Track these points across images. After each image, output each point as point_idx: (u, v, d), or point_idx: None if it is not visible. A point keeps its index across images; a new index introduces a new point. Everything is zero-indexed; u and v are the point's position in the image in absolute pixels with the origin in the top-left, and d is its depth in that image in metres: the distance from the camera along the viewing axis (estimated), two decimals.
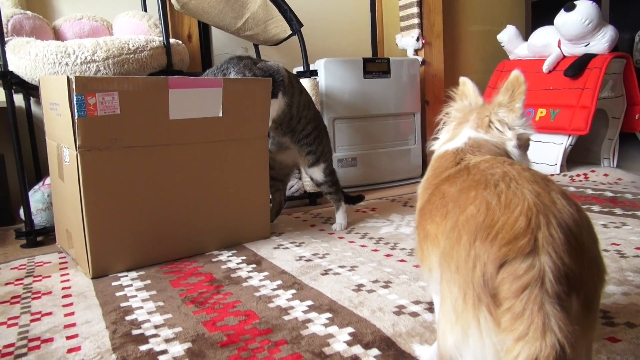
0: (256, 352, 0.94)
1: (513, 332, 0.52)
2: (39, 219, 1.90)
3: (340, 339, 0.97)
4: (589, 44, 2.70)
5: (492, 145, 0.82)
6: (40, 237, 1.86)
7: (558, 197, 0.59)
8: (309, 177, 1.92)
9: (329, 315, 1.09)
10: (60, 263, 1.58)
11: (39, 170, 2.30)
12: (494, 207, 0.59)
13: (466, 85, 0.95)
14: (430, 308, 1.09)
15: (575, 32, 2.64)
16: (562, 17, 2.65)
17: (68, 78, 1.31)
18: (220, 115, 1.56)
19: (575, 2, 2.61)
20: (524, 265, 0.53)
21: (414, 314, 1.07)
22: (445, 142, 0.88)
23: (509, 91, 0.86)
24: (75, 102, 1.31)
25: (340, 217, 1.87)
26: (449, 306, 0.59)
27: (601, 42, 2.67)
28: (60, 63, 1.78)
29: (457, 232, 0.61)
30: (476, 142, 0.82)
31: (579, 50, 2.74)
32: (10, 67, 1.77)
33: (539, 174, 0.65)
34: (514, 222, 0.56)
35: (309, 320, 1.06)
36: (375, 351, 0.92)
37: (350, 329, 1.01)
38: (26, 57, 1.76)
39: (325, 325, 1.03)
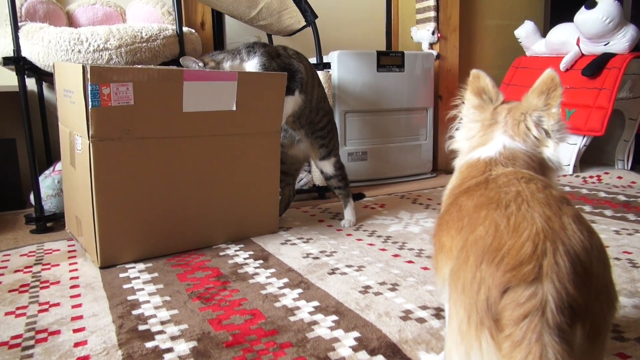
0: (261, 354, 0.94)
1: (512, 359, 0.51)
2: (48, 205, 1.91)
3: (345, 344, 0.97)
4: (608, 42, 2.64)
5: (527, 157, 0.78)
6: (50, 223, 1.87)
7: (569, 222, 0.58)
8: (319, 171, 1.92)
9: (335, 317, 1.08)
10: (69, 251, 1.59)
11: (49, 155, 2.31)
12: (502, 229, 0.58)
13: (482, 80, 0.87)
14: (438, 314, 1.09)
15: (595, 30, 2.58)
16: (583, 15, 2.59)
17: (83, 67, 1.30)
18: (234, 108, 1.55)
19: (596, 0, 2.55)
20: (527, 293, 0.53)
21: (421, 320, 1.06)
22: (475, 147, 0.83)
23: (544, 93, 0.80)
24: (89, 92, 1.31)
25: (349, 214, 1.86)
26: (455, 326, 0.59)
27: (621, 41, 2.61)
28: (73, 50, 1.77)
29: (465, 253, 0.60)
30: (512, 153, 0.78)
31: (598, 49, 2.69)
32: (23, 53, 1.77)
33: (554, 195, 0.63)
34: (520, 247, 0.55)
35: (315, 323, 1.06)
36: (380, 358, 0.92)
37: (356, 334, 1.01)
38: (39, 44, 1.76)
39: (331, 329, 1.03)
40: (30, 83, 2.21)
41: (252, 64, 1.64)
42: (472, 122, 0.87)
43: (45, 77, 2.14)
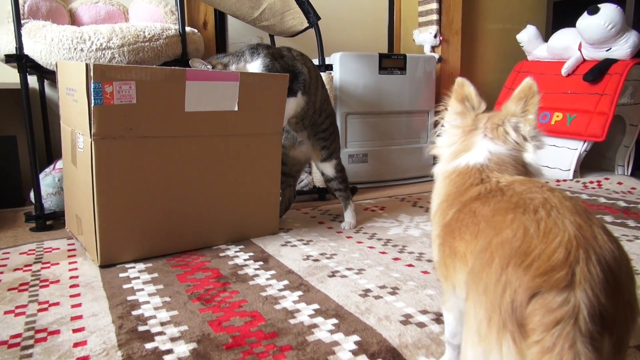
0: (261, 356, 0.94)
1: None
2: (49, 203, 1.91)
3: (345, 348, 0.97)
4: (610, 48, 2.65)
5: (514, 161, 0.80)
6: (50, 221, 1.86)
7: (599, 232, 0.58)
8: (319, 172, 1.92)
9: (335, 321, 1.08)
10: (69, 250, 1.58)
11: (50, 153, 2.30)
12: (532, 233, 0.58)
13: (466, 88, 0.89)
14: (438, 319, 1.08)
15: (597, 36, 2.59)
16: (585, 21, 2.60)
17: (87, 65, 1.30)
18: (236, 109, 1.54)
19: (599, 5, 2.56)
20: (559, 299, 0.52)
21: (421, 325, 1.06)
22: (458, 153, 0.84)
23: (522, 100, 0.83)
24: (92, 90, 1.31)
25: (349, 216, 1.86)
26: (473, 327, 0.58)
27: (623, 47, 2.61)
28: (75, 49, 1.77)
29: (489, 254, 0.59)
30: (499, 158, 0.80)
31: (600, 54, 2.69)
32: (26, 51, 1.76)
33: (580, 205, 0.63)
34: (552, 252, 0.55)
35: (315, 326, 1.06)
36: None
37: (356, 337, 1.01)
38: (42, 42, 1.76)
39: (331, 332, 1.03)
40: (32, 81, 2.21)
41: (256, 65, 1.65)
42: (453, 129, 0.88)
43: (47, 75, 2.14)
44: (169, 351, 0.96)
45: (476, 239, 0.66)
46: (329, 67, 2.35)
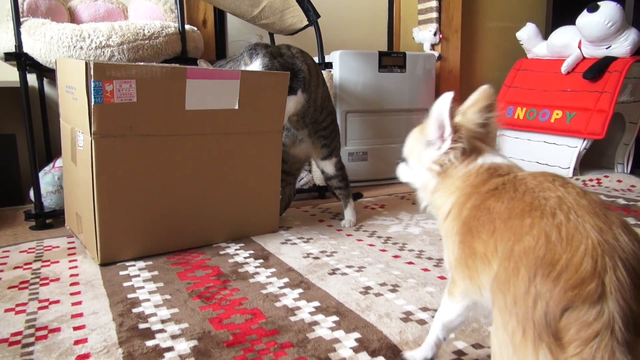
0: (262, 354, 0.94)
1: None
2: (48, 201, 1.91)
3: (346, 345, 0.97)
4: (610, 46, 2.64)
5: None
6: (50, 219, 1.86)
7: (620, 233, 0.58)
8: (320, 170, 1.92)
9: (335, 318, 1.08)
10: (69, 248, 1.58)
11: (49, 151, 2.30)
12: (555, 241, 0.58)
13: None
14: None
15: (597, 33, 2.59)
16: (585, 18, 2.59)
17: (87, 63, 1.30)
18: (237, 107, 1.54)
19: (598, 3, 2.55)
20: (593, 312, 0.53)
21: (422, 322, 1.06)
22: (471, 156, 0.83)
23: (476, 106, 0.83)
24: (92, 88, 1.31)
25: (349, 214, 1.86)
26: (504, 337, 0.59)
27: (623, 45, 2.61)
28: (75, 47, 1.76)
29: (513, 264, 0.60)
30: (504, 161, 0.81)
31: (599, 52, 2.69)
32: (25, 49, 1.76)
33: (596, 201, 0.63)
34: (579, 263, 0.55)
35: (316, 323, 1.06)
36: (381, 359, 0.92)
37: (356, 335, 1.01)
38: (41, 40, 1.75)
39: (332, 329, 1.03)
40: (32, 79, 2.21)
41: (255, 66, 1.64)
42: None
43: (46, 73, 2.13)
44: (170, 348, 0.96)
45: (492, 237, 0.66)
46: (329, 65, 2.34)
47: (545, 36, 3.05)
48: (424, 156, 0.85)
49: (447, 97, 0.79)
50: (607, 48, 2.65)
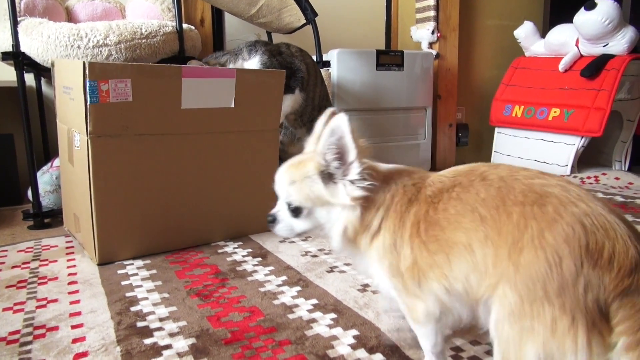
0: (260, 351, 0.94)
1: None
2: (46, 201, 1.90)
3: (344, 342, 0.97)
4: (607, 44, 2.65)
5: None
6: (48, 219, 1.86)
7: (617, 213, 0.63)
8: None
9: (333, 315, 1.08)
10: (67, 247, 1.58)
11: (47, 151, 2.30)
12: (591, 229, 0.60)
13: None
14: None
15: (594, 31, 2.59)
16: (582, 16, 2.60)
17: (83, 63, 1.29)
18: (233, 106, 1.54)
19: (595, 1, 2.56)
20: None
21: None
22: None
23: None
24: (87, 88, 1.30)
25: None
26: (532, 325, 0.60)
27: (620, 42, 2.61)
28: (72, 46, 1.76)
29: (550, 253, 0.60)
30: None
31: (597, 50, 2.69)
32: (22, 48, 1.76)
33: (578, 187, 0.66)
34: (626, 250, 0.58)
35: (314, 320, 1.06)
36: (379, 356, 0.92)
37: (354, 332, 1.01)
38: (38, 39, 1.75)
39: (330, 327, 1.03)
40: (29, 78, 2.20)
41: (253, 63, 1.64)
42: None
43: (44, 72, 2.13)
44: (168, 346, 0.96)
45: (483, 224, 0.66)
46: (327, 64, 2.34)
47: (543, 34, 3.06)
48: (336, 192, 0.76)
49: (344, 117, 0.73)
50: (604, 46, 2.66)
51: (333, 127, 0.74)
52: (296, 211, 0.79)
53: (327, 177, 0.76)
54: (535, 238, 0.62)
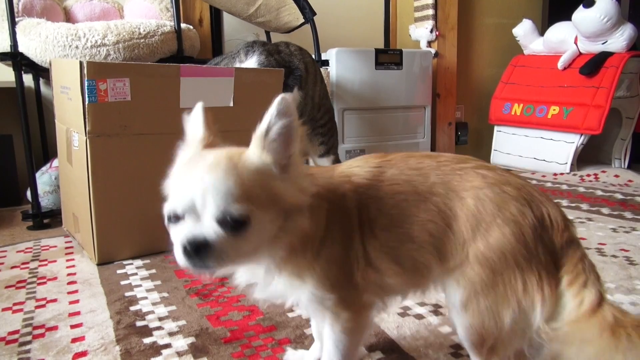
0: (259, 350, 0.94)
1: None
2: (45, 202, 1.90)
3: None
4: (606, 41, 2.65)
5: None
6: (47, 219, 1.86)
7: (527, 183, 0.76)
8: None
9: None
10: (66, 247, 1.58)
11: (46, 152, 2.30)
12: (530, 202, 0.70)
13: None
14: (436, 311, 1.08)
15: (593, 29, 2.59)
16: (581, 14, 2.60)
17: (80, 62, 1.29)
18: (231, 105, 1.54)
19: None
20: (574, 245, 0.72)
21: (419, 316, 1.06)
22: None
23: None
24: (86, 88, 1.30)
25: None
26: (506, 288, 0.68)
27: (619, 40, 2.62)
28: (70, 46, 1.76)
29: (515, 228, 0.69)
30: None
31: (596, 47, 2.69)
32: (20, 48, 1.76)
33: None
34: (556, 211, 0.71)
35: None
36: (379, 354, 0.92)
37: None
38: (36, 39, 1.75)
39: None
40: (28, 79, 2.20)
41: (251, 63, 1.64)
42: None
43: (42, 73, 2.13)
44: (167, 345, 0.96)
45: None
46: (325, 63, 2.34)
47: (542, 32, 3.06)
48: (287, 189, 0.61)
49: (289, 99, 0.61)
50: (603, 43, 2.66)
51: (281, 109, 0.61)
52: (240, 225, 0.57)
53: (273, 176, 0.61)
54: (497, 216, 0.69)
